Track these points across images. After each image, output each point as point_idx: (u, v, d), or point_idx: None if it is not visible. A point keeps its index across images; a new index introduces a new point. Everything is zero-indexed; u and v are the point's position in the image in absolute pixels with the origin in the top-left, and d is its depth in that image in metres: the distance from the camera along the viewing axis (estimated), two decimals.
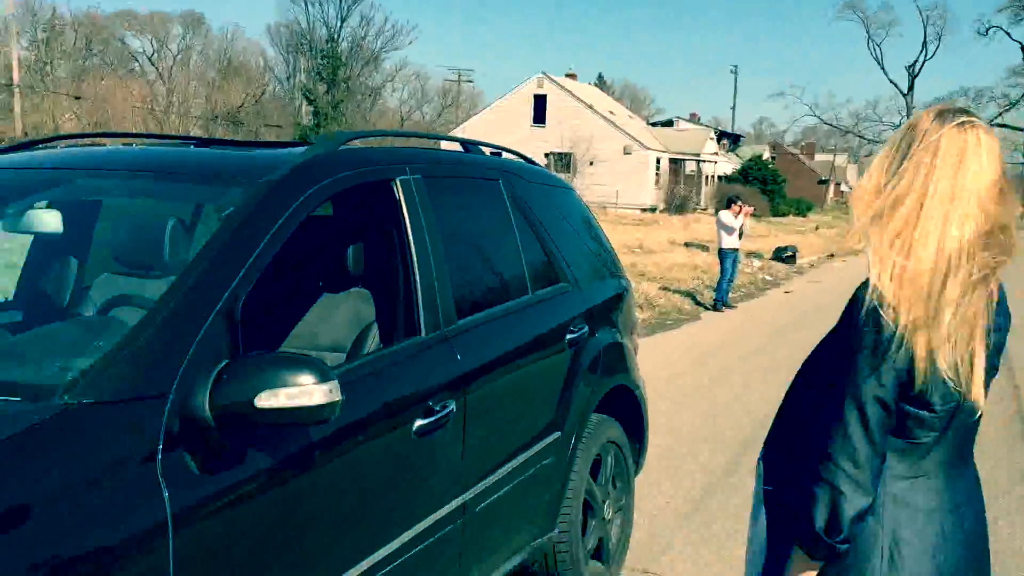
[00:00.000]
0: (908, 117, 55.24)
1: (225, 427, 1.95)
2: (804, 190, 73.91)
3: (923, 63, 73.64)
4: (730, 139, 68.91)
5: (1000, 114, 69.78)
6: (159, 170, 2.69)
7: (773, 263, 21.55)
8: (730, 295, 14.03)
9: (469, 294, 3.08)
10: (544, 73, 46.62)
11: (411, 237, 2.81)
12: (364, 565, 2.38)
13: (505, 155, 4.07)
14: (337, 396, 2.01)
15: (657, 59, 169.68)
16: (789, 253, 22.62)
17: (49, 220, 2.70)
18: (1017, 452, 6.31)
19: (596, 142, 43.22)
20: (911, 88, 71.70)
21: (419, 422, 2.57)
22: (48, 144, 3.23)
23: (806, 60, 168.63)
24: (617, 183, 41.87)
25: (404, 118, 70.54)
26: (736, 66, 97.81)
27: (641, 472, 4.29)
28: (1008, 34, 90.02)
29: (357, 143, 2.96)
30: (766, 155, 64.65)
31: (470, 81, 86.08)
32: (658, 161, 46.42)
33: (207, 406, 1.93)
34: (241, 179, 2.44)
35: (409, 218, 2.82)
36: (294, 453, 2.16)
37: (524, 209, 3.57)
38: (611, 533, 3.90)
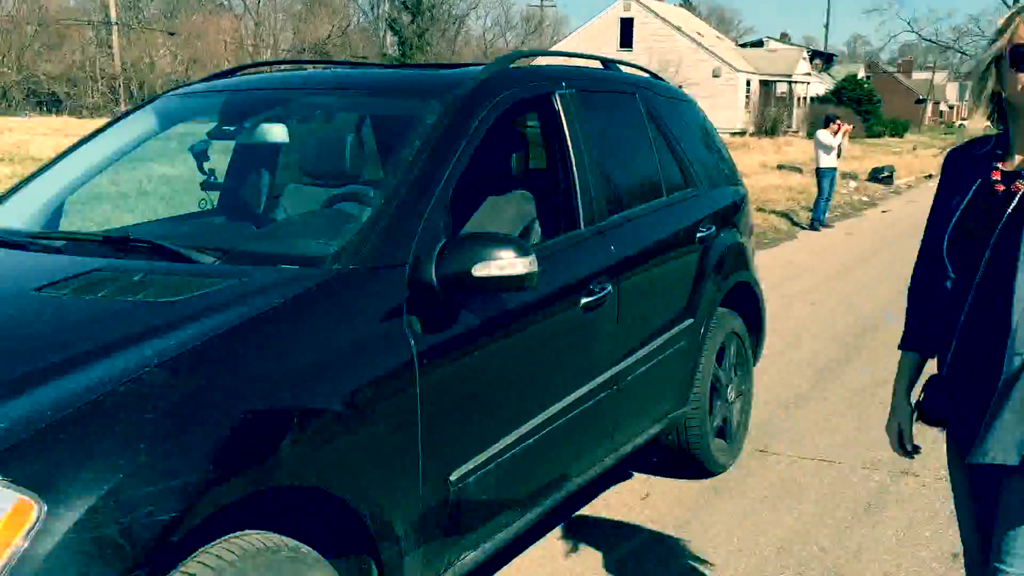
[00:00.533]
0: None
1: (446, 291, 2.43)
2: (900, 110, 71.34)
3: None
4: (823, 59, 66.77)
5: None
6: (369, 87, 3.18)
7: (869, 184, 21.29)
8: (827, 215, 14.11)
9: (616, 194, 3.50)
10: None
11: (569, 144, 3.24)
12: (545, 415, 2.88)
13: (638, 72, 4.43)
14: (535, 268, 2.47)
15: None
16: (886, 174, 22.27)
17: (277, 132, 3.22)
18: None
19: (684, 65, 42.53)
20: None
21: (585, 299, 3.04)
22: (241, 72, 3.73)
23: None
24: (705, 106, 41.01)
25: (488, 46, 70.26)
26: None
27: (758, 363, 4.70)
28: None
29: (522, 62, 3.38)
30: (861, 74, 62.52)
31: (553, 5, 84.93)
32: (748, 83, 45.50)
33: (433, 274, 2.41)
34: (436, 94, 2.90)
35: (567, 127, 3.25)
36: (497, 316, 2.64)
37: (657, 120, 3.96)
38: (733, 415, 4.34)
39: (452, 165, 2.66)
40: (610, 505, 3.92)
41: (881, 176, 22.19)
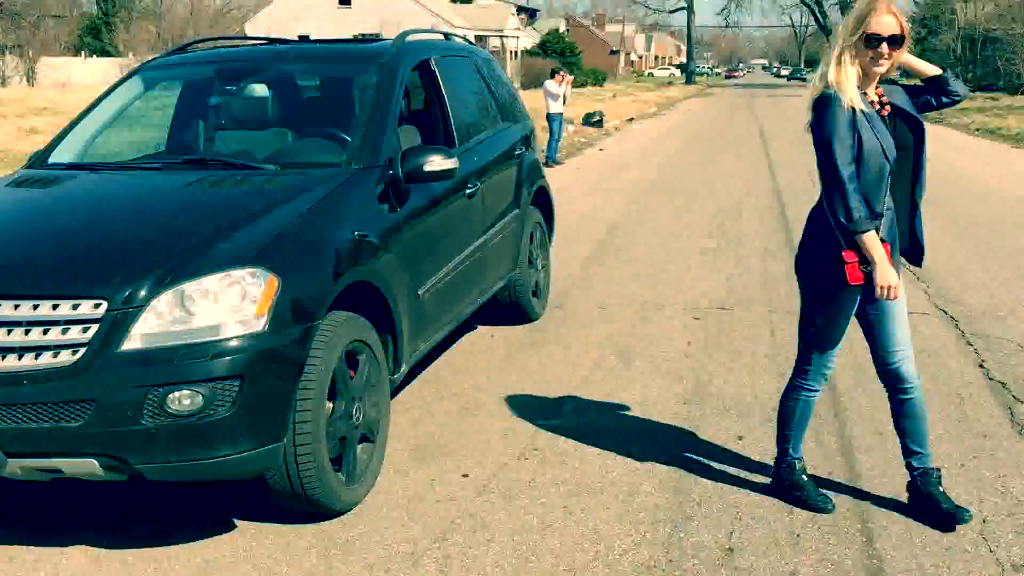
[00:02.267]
0: None
1: (407, 180, 4.09)
2: (598, 60, 77.42)
3: None
4: (528, 13, 70.97)
5: None
6: (322, 58, 4.72)
7: (584, 127, 24.25)
8: (558, 154, 16.55)
9: (471, 125, 5.26)
10: None
11: (444, 92, 4.94)
12: (455, 260, 4.62)
13: (466, 42, 6.16)
14: (457, 164, 4.20)
15: None
16: (597, 118, 25.38)
17: (260, 90, 4.65)
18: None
19: (403, 22, 44.16)
20: None
21: (468, 190, 4.79)
22: (189, 47, 5.07)
23: None
24: None
25: (195, 2, 67.69)
26: None
27: (552, 244, 6.67)
28: None
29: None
30: (562, 28, 67.36)
31: None
32: (464, 38, 47.95)
33: (400, 170, 4.06)
34: (372, 61, 4.51)
35: (441, 81, 4.95)
36: (432, 197, 4.34)
37: (482, 74, 5.75)
38: (541, 279, 6.28)
39: (393, 106, 4.31)
40: (472, 341, 5.72)
41: (593, 120, 25.27)
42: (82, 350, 2.96)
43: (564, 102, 16.53)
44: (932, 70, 3.44)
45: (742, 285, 7.12)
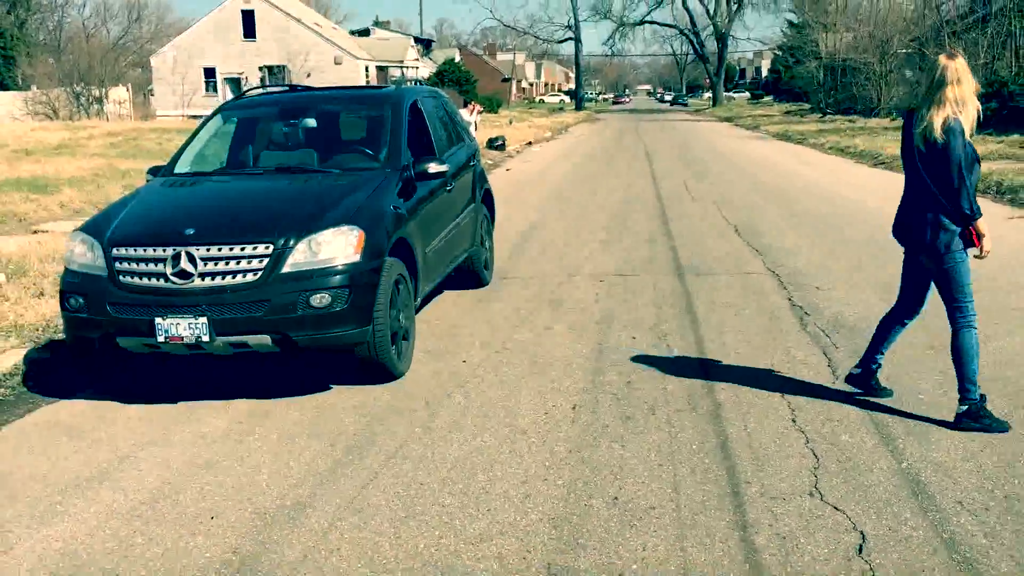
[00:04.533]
0: (575, 19, 60.28)
1: (417, 179, 6.40)
2: (491, 88, 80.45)
3: None
4: (423, 44, 73.47)
5: (650, 12, 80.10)
6: (350, 100, 7.00)
7: (488, 151, 26.76)
8: None
9: (445, 143, 7.59)
10: None
11: (428, 124, 7.27)
12: (443, 233, 6.93)
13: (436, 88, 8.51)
14: (449, 168, 6.55)
15: None
16: (499, 142, 27.95)
17: (311, 121, 6.87)
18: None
19: (309, 54, 46.10)
20: None
21: (448, 187, 7.13)
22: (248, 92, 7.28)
23: None
24: None
25: (90, 34, 67.91)
26: None
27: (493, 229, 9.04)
28: None
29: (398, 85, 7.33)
30: (457, 58, 70.13)
31: None
32: (367, 69, 50.19)
33: (412, 171, 6.37)
34: (387, 101, 6.81)
35: (425, 116, 7.28)
36: (434, 187, 6.67)
37: (447, 108, 8.10)
38: (490, 256, 8.63)
39: (404, 130, 6.62)
40: (443, 299, 8.01)
41: (496, 144, 27.82)
42: (260, 272, 5.16)
43: (475, 128, 18.99)
44: None
45: (632, 261, 9.63)
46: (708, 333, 6.77)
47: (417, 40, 70.91)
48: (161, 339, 5.16)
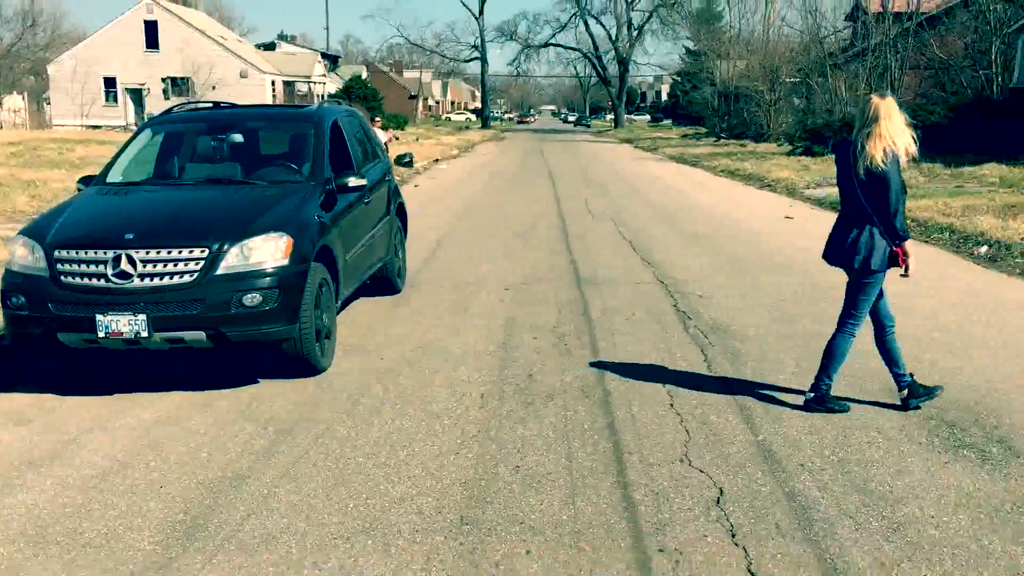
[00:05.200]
0: (481, 40, 61.57)
1: (338, 191, 6.99)
2: (398, 105, 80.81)
3: None
4: (329, 60, 73.40)
5: (554, 35, 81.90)
6: (275, 118, 7.52)
7: (397, 167, 27.28)
8: None
9: (362, 159, 8.19)
10: None
11: (347, 141, 7.86)
12: (362, 242, 7.52)
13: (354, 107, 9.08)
14: (365, 182, 7.16)
15: None
16: (407, 159, 28.42)
17: (238, 136, 7.36)
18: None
19: (214, 67, 45.76)
20: (482, 12, 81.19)
21: (366, 200, 7.73)
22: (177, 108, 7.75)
23: None
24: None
25: None
26: None
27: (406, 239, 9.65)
28: None
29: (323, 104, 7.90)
30: (364, 74, 70.34)
31: None
32: (273, 83, 50.06)
33: (334, 185, 6.96)
34: (309, 119, 7.38)
35: (345, 134, 7.87)
36: (353, 200, 7.26)
37: (363, 127, 8.70)
38: (402, 266, 9.24)
39: (326, 146, 7.20)
40: (360, 304, 8.58)
41: (404, 161, 28.29)
42: (196, 274, 5.67)
43: (386, 148, 19.54)
44: None
45: (535, 271, 10.37)
46: (601, 334, 7.52)
47: (324, 55, 70.85)
48: (102, 335, 5.61)
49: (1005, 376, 6.24)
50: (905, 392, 5.59)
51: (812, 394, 5.64)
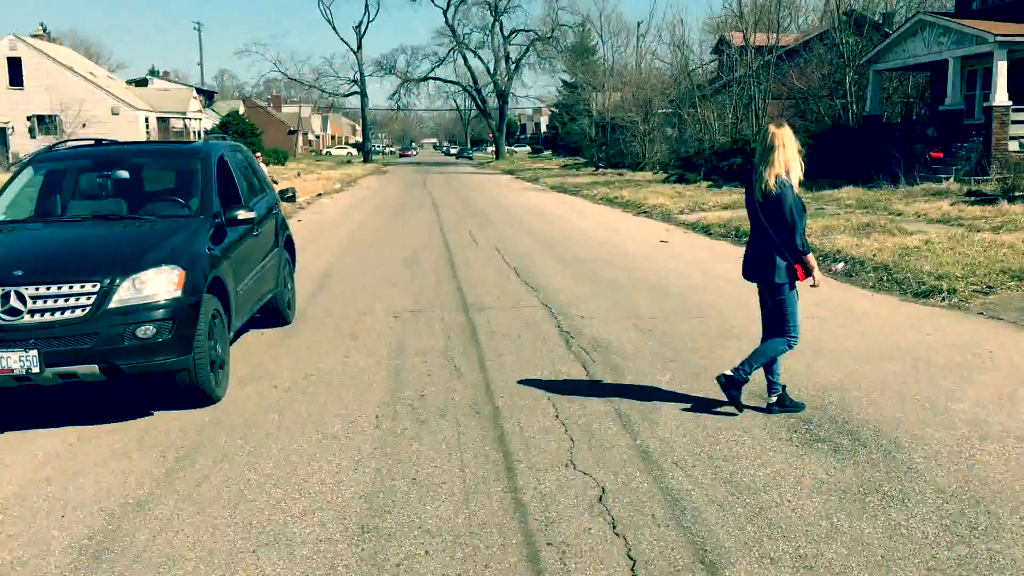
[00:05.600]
0: (360, 74, 61.97)
1: (227, 224, 7.15)
2: (277, 140, 79.92)
3: (368, 24, 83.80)
4: (205, 95, 72.08)
5: (433, 69, 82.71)
6: (160, 154, 7.60)
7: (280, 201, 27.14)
8: None
9: (249, 191, 8.33)
10: (15, 35, 45.99)
11: (234, 175, 8.01)
12: (253, 272, 7.67)
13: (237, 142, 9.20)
14: (254, 215, 7.34)
15: (109, 10, 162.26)
16: (289, 194, 28.23)
17: (123, 173, 7.40)
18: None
19: (84, 104, 44.40)
20: (360, 47, 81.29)
21: (256, 231, 7.89)
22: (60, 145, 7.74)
23: (267, 18, 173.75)
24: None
25: None
26: (200, 23, 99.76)
27: (295, 272, 9.79)
28: (432, 0, 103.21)
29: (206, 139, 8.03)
30: (241, 110, 69.37)
31: None
32: (147, 120, 48.87)
33: (224, 218, 7.12)
34: (196, 155, 7.51)
35: (231, 168, 8.01)
36: (242, 232, 7.41)
37: (249, 161, 8.85)
38: (291, 297, 9.38)
39: (213, 181, 7.34)
40: (251, 336, 8.67)
41: (286, 196, 28.15)
42: (88, 308, 5.73)
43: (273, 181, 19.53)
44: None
45: (423, 299, 10.65)
46: (489, 355, 7.85)
47: (199, 91, 69.58)
48: None
49: (853, 377, 6.87)
50: (774, 399, 6.11)
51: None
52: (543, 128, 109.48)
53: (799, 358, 7.32)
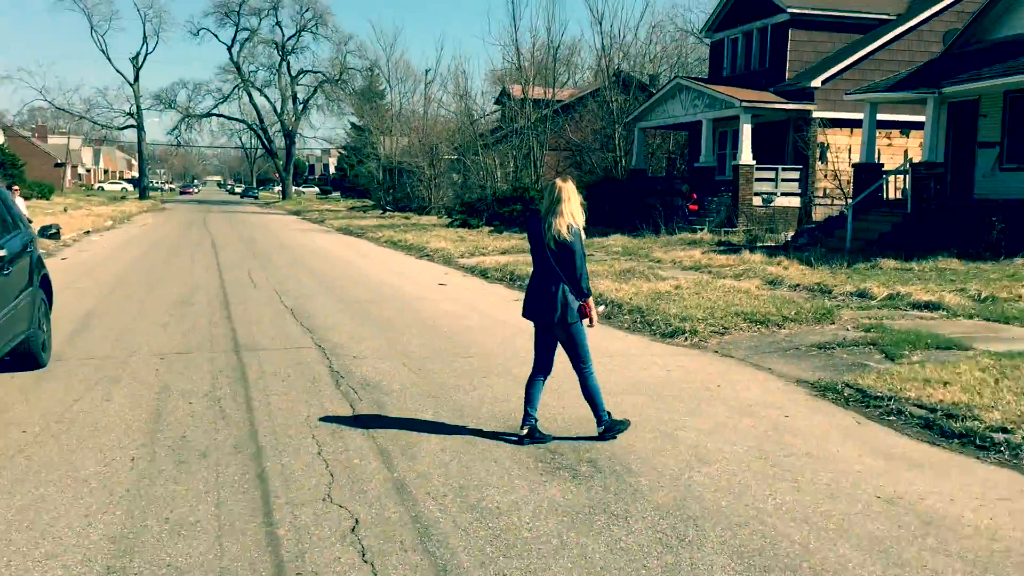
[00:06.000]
0: (137, 107, 60.24)
1: None
2: (42, 173, 74.74)
3: (146, 56, 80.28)
4: None
5: (217, 105, 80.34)
6: None
7: (42, 240, 25.47)
8: None
9: (3, 229, 7.97)
10: None
11: None
12: (5, 311, 7.35)
13: None
14: (4, 253, 7.08)
15: None
16: (53, 231, 26.57)
17: None
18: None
19: None
20: (137, 79, 77.76)
21: (5, 271, 7.56)
22: None
23: (31, 45, 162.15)
24: None
25: None
26: None
27: (51, 312, 9.37)
28: (216, 36, 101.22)
29: None
30: (1, 139, 64.38)
31: None
32: None
33: None
34: None
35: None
36: None
37: (1, 195, 8.46)
38: (46, 339, 8.98)
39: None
40: (1, 380, 8.24)
41: (50, 233, 26.45)
42: None
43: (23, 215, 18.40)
44: None
45: (192, 341, 10.47)
46: (257, 396, 7.89)
47: None
48: None
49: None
50: (525, 431, 6.57)
51: (602, 428, 6.63)
52: (332, 169, 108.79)
53: (552, 394, 7.88)
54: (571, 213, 6.42)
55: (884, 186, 22.74)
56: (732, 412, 7.52)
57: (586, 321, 6.57)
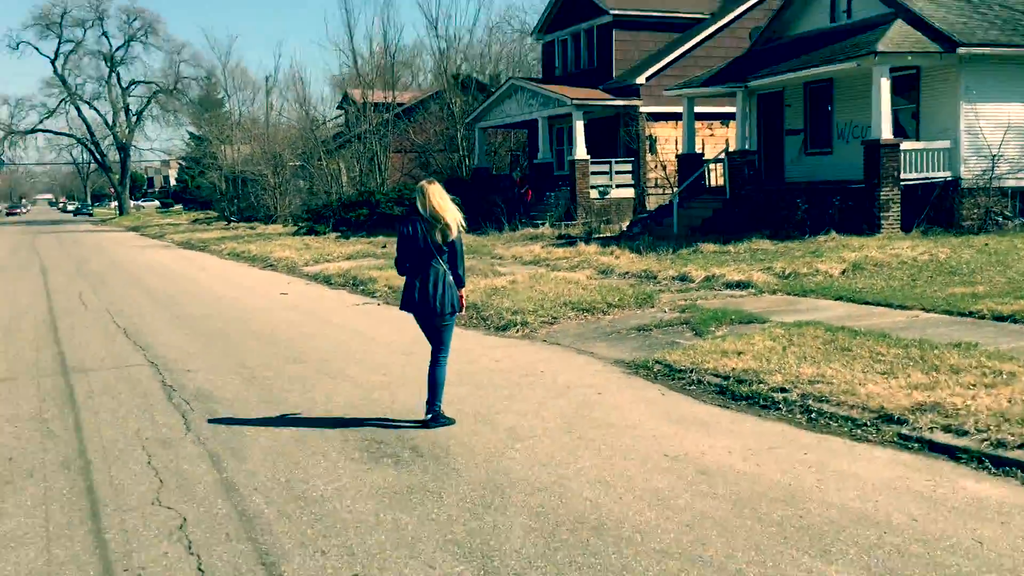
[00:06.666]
0: None
1: None
2: None
3: None
4: None
5: (42, 120, 76.35)
6: None
7: None
8: None
9: None
10: None
11: None
12: None
13: None
14: None
15: None
16: None
17: None
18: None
19: None
20: None
21: None
22: None
23: None
24: None
25: None
26: None
27: None
28: (37, 49, 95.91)
29: None
30: None
31: None
32: None
33: None
34: None
35: None
36: None
37: None
38: None
39: None
40: None
41: None
42: None
43: None
44: None
45: (16, 367, 10.30)
46: (87, 415, 7.95)
47: None
48: None
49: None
50: (428, 416, 7.12)
51: (430, 415, 7.10)
52: (172, 181, 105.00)
53: (384, 390, 8.29)
54: (452, 210, 6.95)
55: (707, 174, 24.21)
56: (549, 394, 8.12)
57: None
